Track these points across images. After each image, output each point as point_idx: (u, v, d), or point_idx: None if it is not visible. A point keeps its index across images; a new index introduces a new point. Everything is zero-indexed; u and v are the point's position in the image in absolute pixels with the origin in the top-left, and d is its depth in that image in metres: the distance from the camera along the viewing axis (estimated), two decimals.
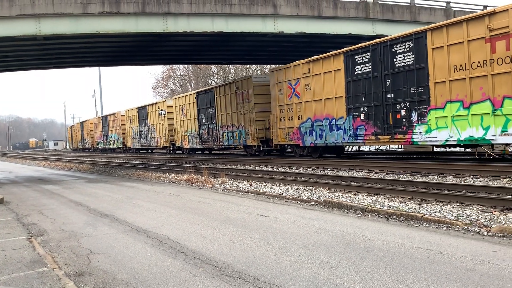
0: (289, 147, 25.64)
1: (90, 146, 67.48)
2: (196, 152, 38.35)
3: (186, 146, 36.41)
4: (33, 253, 7.40)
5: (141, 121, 45.77)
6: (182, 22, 21.45)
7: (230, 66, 53.98)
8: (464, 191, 10.54)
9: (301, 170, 18.26)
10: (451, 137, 15.58)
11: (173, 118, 38.81)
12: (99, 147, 61.71)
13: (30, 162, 47.37)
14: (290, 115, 23.57)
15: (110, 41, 24.06)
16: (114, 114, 54.97)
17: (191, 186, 16.49)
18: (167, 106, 40.19)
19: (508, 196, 9.42)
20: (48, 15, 19.88)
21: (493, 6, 23.69)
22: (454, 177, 13.19)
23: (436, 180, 13.02)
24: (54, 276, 6.09)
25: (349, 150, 30.28)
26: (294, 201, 11.53)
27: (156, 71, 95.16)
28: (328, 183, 13.32)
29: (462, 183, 11.93)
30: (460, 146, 16.50)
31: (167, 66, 63.53)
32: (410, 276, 5.40)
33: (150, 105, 44.26)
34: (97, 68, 76.82)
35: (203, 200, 12.59)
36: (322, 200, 10.92)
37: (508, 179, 12.02)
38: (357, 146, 28.53)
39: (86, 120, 70.38)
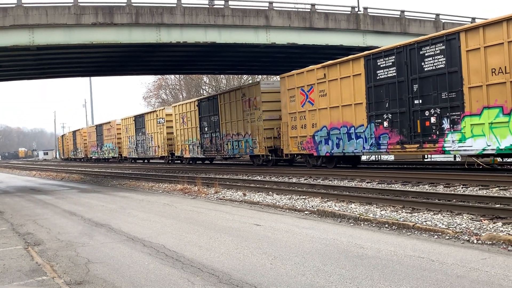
0: (299, 157, 24.57)
1: (83, 156, 65.69)
2: (197, 162, 37.07)
3: (187, 155, 35.25)
4: (31, 262, 7.48)
5: (138, 130, 44.45)
6: (175, 33, 21.67)
7: (222, 76, 54.21)
8: (454, 200, 10.75)
9: (294, 180, 18.43)
10: (488, 145, 14.57)
11: (172, 127, 37.57)
12: (93, 157, 60.04)
13: (21, 172, 47.15)
14: (303, 123, 22.31)
15: (103, 51, 24.20)
16: (109, 122, 53.38)
17: (184, 196, 16.59)
18: (166, 114, 38.82)
19: (497, 205, 9.64)
20: (42, 26, 20.02)
21: (481, 18, 24.16)
22: (444, 187, 13.42)
23: (427, 189, 13.23)
24: (54, 284, 6.19)
25: (368, 159, 27.93)
26: (288, 211, 11.68)
27: (147, 80, 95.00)
28: (321, 193, 13.50)
29: (453, 192, 12.16)
30: (499, 155, 15.58)
31: (159, 76, 63.67)
32: (403, 283, 5.57)
33: (148, 113, 43.14)
34: (88, 77, 76.79)
35: (197, 209, 12.71)
36: (315, 209, 11.09)
37: (497, 188, 12.26)
38: (377, 156, 26.12)
39: (79, 129, 68.50)
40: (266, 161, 26.30)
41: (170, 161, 39.89)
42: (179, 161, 39.40)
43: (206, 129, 32.09)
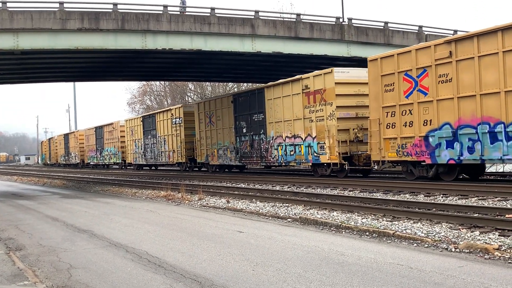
0: (397, 165, 19.12)
1: (78, 161, 58.36)
2: (225, 170, 30.67)
3: (214, 162, 29.41)
4: (13, 267, 7.45)
5: (146, 132, 38.55)
6: (161, 40, 21.73)
7: (207, 83, 54.31)
8: (434, 209, 10.94)
9: (277, 188, 18.54)
10: None
11: (193, 128, 31.88)
12: (91, 163, 53.81)
13: (1, 176, 46.55)
14: (407, 120, 16.91)
15: (89, 56, 24.15)
16: (112, 124, 47.05)
17: (168, 202, 16.58)
18: (184, 113, 32.95)
19: (475, 215, 9.85)
20: (27, 30, 19.94)
21: (463, 31, 24.64)
22: (424, 196, 13.64)
23: (408, 198, 13.43)
24: None
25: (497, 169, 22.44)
26: (271, 218, 11.77)
27: (132, 86, 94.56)
28: (304, 200, 13.62)
29: (432, 201, 12.37)
30: None
31: (144, 82, 63.56)
32: None
33: (160, 112, 37.53)
34: (71, 82, 76.13)
35: (181, 216, 12.73)
36: (298, 217, 11.20)
37: (476, 198, 12.50)
38: (496, 165, 20.90)
39: (73, 132, 61.65)
40: (336, 171, 20.67)
41: (187, 168, 34.00)
42: (196, 168, 33.82)
43: (244, 130, 26.27)
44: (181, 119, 33.06)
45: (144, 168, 43.26)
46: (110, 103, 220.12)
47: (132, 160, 42.25)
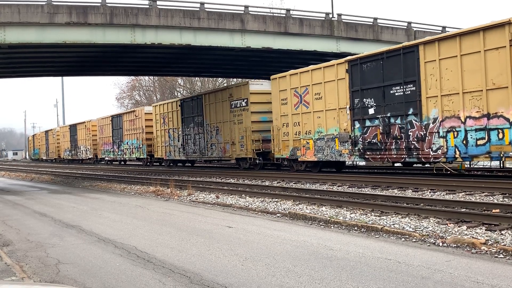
0: None
1: (90, 156, 50.03)
2: (321, 169, 21.46)
3: (308, 157, 20.70)
4: (0, 262, 7.40)
5: (187, 119, 31.29)
6: (150, 34, 21.59)
7: (197, 78, 54.14)
8: (422, 204, 11.03)
9: (267, 183, 18.55)
10: None
11: (263, 112, 25.05)
12: (106, 158, 45.98)
13: None
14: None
15: (77, 51, 23.93)
16: (134, 111, 39.82)
17: (157, 198, 16.54)
18: (251, 93, 25.27)
19: (462, 209, 9.94)
20: (14, 24, 19.70)
21: (452, 27, 24.77)
22: (412, 191, 13.73)
23: (396, 193, 13.52)
24: None
25: None
26: (260, 213, 11.79)
27: (121, 81, 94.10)
28: (293, 196, 13.66)
29: (420, 196, 12.46)
30: None
31: (132, 77, 63.21)
32: (370, 284, 5.73)
33: (210, 93, 29.40)
34: (59, 77, 75.54)
35: (170, 211, 12.71)
36: (287, 212, 11.23)
37: (463, 193, 12.62)
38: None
39: (84, 122, 51.81)
40: None
41: (251, 166, 25.66)
42: (276, 167, 25.53)
43: (371, 110, 17.99)
44: (246, 101, 25.62)
45: (178, 164, 35.93)
46: (98, 98, 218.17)
47: (164, 155, 34.61)
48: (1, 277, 6.54)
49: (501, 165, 18.54)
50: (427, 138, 15.90)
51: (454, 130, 15.09)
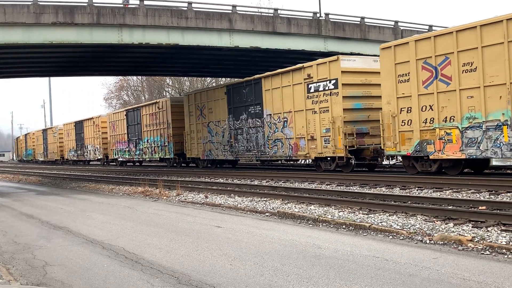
0: None
1: (100, 157, 44.24)
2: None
3: (450, 154, 15.00)
4: None
5: (236, 110, 25.02)
6: (138, 34, 21.51)
7: (185, 78, 54.01)
8: (409, 202, 11.10)
9: (256, 182, 18.56)
10: None
11: (357, 97, 19.30)
12: (120, 158, 39.56)
13: None
14: None
15: (64, 51, 23.78)
16: (157, 103, 33.29)
17: (145, 198, 16.48)
18: (342, 72, 19.04)
19: (449, 207, 10.02)
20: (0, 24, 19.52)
21: (438, 26, 24.97)
22: (400, 189, 13.81)
23: (384, 191, 13.59)
24: None
25: None
26: (249, 212, 11.79)
27: (109, 81, 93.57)
28: (282, 195, 13.67)
29: (408, 194, 12.54)
30: None
31: (120, 77, 62.88)
32: (358, 281, 5.76)
33: (275, 75, 22.36)
34: (47, 78, 74.85)
35: (158, 212, 12.67)
36: (276, 211, 11.24)
37: (450, 190, 12.72)
38: None
39: (92, 117, 44.96)
40: None
41: (338, 168, 19.82)
42: (364, 168, 20.79)
43: None
44: (334, 82, 19.16)
45: (218, 166, 29.28)
46: (86, 99, 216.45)
47: (201, 154, 28.65)
48: None
49: None
50: None
51: None
